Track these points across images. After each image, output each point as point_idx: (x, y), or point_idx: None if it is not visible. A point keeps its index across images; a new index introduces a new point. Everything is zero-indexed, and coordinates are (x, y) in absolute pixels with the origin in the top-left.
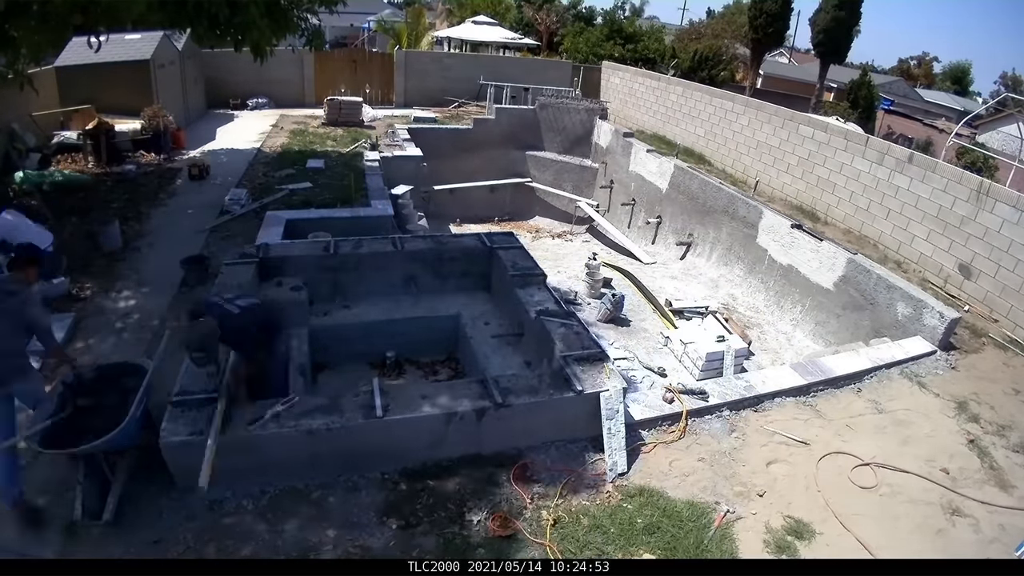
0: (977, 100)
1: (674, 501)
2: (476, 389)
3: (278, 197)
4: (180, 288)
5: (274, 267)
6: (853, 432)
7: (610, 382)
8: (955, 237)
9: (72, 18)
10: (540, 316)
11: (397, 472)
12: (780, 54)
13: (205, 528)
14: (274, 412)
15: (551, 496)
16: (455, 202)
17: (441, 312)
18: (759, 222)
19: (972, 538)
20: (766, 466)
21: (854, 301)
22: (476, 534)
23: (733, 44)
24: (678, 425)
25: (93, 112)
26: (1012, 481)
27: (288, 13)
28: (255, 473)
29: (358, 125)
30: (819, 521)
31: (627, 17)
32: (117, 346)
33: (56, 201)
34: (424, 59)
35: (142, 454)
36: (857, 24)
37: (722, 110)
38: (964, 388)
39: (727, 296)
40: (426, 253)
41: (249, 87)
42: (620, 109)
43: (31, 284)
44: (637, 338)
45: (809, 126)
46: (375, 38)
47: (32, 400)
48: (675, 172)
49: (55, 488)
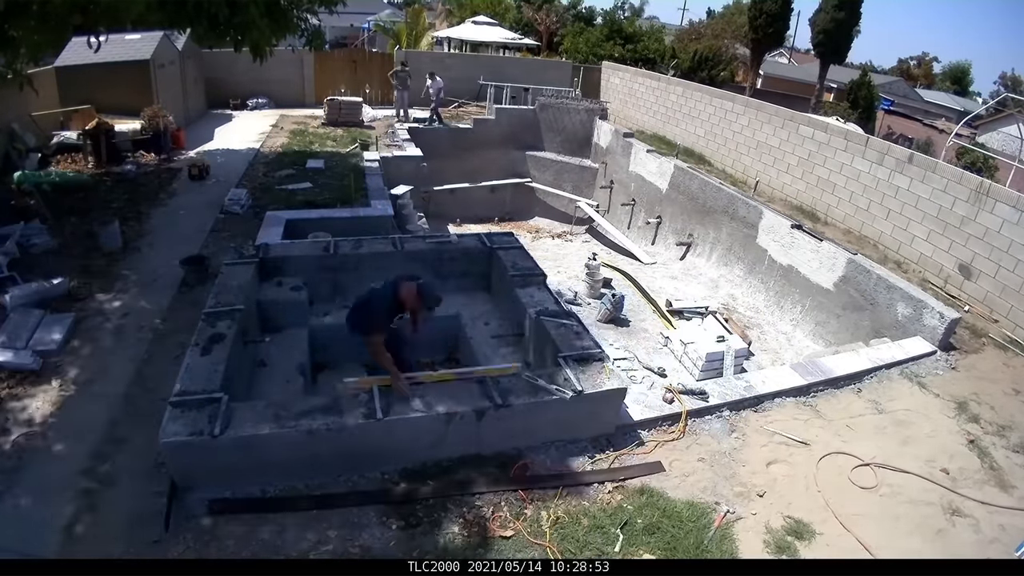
0: (977, 100)
1: (674, 501)
2: (476, 389)
3: (280, 197)
4: (180, 288)
5: (274, 267)
6: (853, 432)
7: (610, 382)
8: (955, 237)
9: (72, 18)
10: (540, 316)
11: (397, 472)
12: (780, 54)
13: (205, 528)
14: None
15: (551, 496)
16: (455, 202)
17: (441, 312)
18: (759, 222)
19: (972, 538)
20: (766, 466)
21: (854, 301)
22: (476, 534)
23: (733, 44)
24: (678, 425)
25: (93, 112)
26: (1012, 481)
27: (288, 13)
28: (255, 473)
29: (358, 125)
30: (819, 521)
31: (627, 17)
32: (117, 346)
33: (55, 201)
34: (424, 59)
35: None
36: (857, 24)
37: (722, 110)
38: (964, 388)
39: (727, 296)
40: (426, 253)
41: (249, 87)
42: (620, 109)
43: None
44: (637, 338)
45: (809, 126)
46: (375, 38)
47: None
48: (675, 172)
49: None
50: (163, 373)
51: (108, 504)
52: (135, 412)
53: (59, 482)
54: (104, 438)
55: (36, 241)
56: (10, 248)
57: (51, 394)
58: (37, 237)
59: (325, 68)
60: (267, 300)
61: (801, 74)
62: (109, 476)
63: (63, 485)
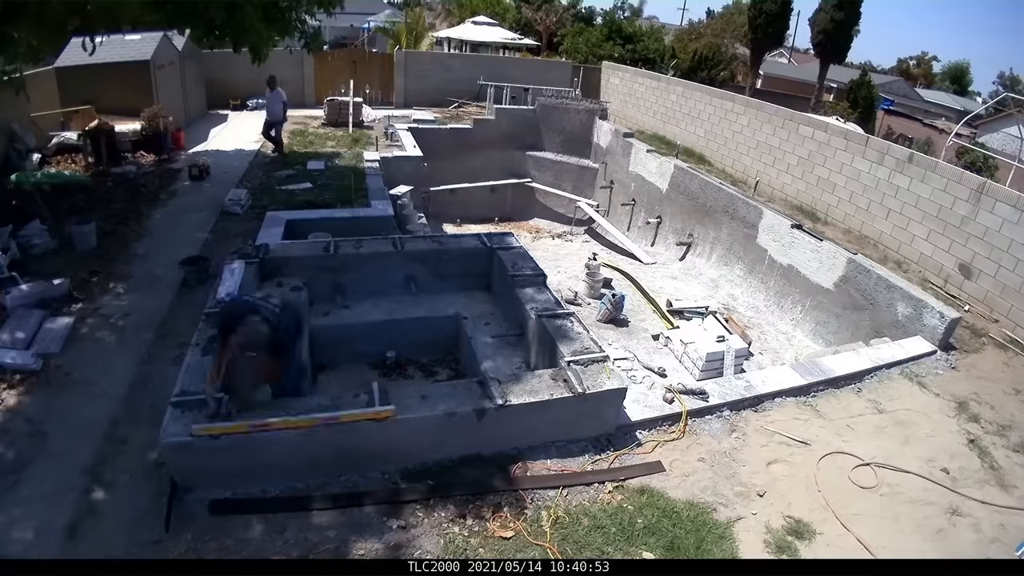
0: (977, 100)
1: (674, 501)
2: (476, 389)
3: (280, 197)
4: (180, 289)
5: (274, 267)
6: (853, 432)
7: (610, 382)
8: (955, 237)
9: (70, 20)
10: (540, 316)
11: (398, 473)
12: (780, 54)
13: (205, 528)
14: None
15: (551, 496)
16: (455, 202)
17: (441, 312)
18: (759, 222)
19: (972, 538)
20: (766, 466)
21: (854, 301)
22: (476, 534)
23: (733, 44)
24: (678, 425)
25: (93, 112)
26: (1012, 481)
27: (285, 16)
28: (256, 473)
29: (358, 125)
30: (819, 521)
31: (626, 17)
32: (117, 346)
33: (55, 202)
34: (424, 59)
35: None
36: (857, 24)
37: (722, 110)
38: (964, 388)
39: (727, 296)
40: (426, 253)
41: (249, 88)
42: (620, 109)
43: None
44: (637, 338)
45: (809, 126)
46: (375, 38)
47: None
48: (675, 172)
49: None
50: (164, 373)
51: (108, 504)
52: (135, 412)
53: (59, 482)
54: (104, 438)
55: (36, 241)
56: (10, 248)
57: (51, 394)
58: (37, 237)
59: (325, 68)
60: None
61: (801, 74)
62: (109, 476)
63: (63, 485)
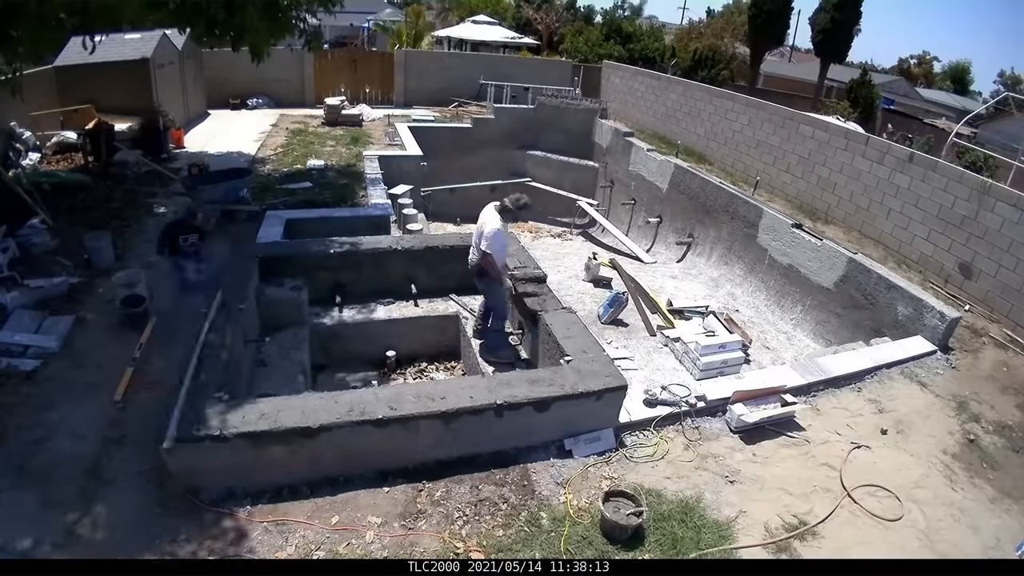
0: (977, 99)
1: (673, 501)
2: (475, 389)
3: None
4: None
5: (274, 266)
6: (853, 432)
7: (610, 381)
8: (956, 236)
9: (70, 19)
10: (540, 315)
11: (398, 472)
12: (780, 54)
13: (205, 527)
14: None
15: (551, 496)
16: (455, 202)
17: (441, 312)
18: (759, 221)
19: (972, 538)
20: (766, 466)
21: (854, 301)
22: (476, 534)
23: (733, 44)
24: (678, 425)
25: (93, 111)
26: (1012, 481)
27: (285, 15)
28: (256, 472)
29: (358, 125)
30: (819, 521)
31: (626, 17)
32: (118, 346)
33: (55, 201)
34: (424, 58)
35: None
36: (857, 23)
37: (722, 109)
38: (965, 388)
39: (727, 296)
40: (426, 252)
41: (249, 87)
42: (620, 108)
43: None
44: (637, 338)
45: (809, 125)
46: (375, 37)
47: None
48: (675, 171)
49: None
50: (164, 373)
51: (109, 504)
52: (136, 412)
53: (59, 482)
54: (105, 438)
55: (36, 241)
56: (10, 247)
57: (52, 394)
58: (37, 237)
59: (325, 67)
60: (267, 299)
61: (801, 73)
62: (110, 476)
63: (63, 485)
